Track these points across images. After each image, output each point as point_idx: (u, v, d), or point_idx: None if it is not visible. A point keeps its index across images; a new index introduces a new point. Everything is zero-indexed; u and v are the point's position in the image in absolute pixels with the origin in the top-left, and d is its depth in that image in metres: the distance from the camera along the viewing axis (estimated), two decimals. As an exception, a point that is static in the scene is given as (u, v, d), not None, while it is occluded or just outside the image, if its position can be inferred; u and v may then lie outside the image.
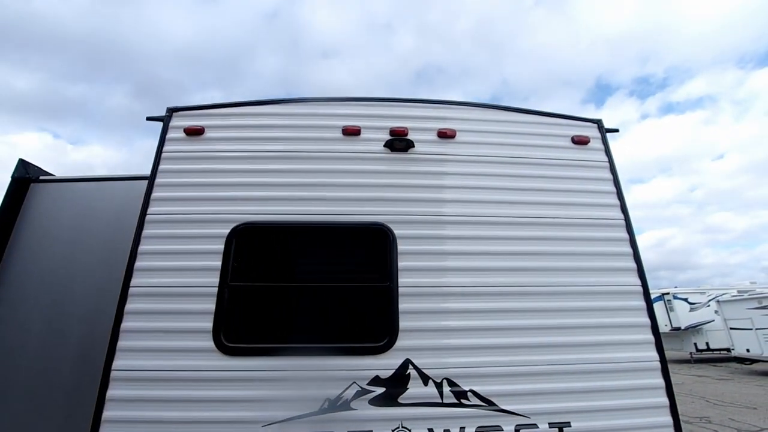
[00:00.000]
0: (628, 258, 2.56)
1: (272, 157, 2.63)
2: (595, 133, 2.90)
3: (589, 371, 2.27)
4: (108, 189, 3.18)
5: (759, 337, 12.36)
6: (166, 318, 2.24)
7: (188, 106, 2.76)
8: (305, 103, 2.80)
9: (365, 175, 2.61)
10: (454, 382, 2.18)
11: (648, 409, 2.24)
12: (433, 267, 2.41)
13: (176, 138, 2.66)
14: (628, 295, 2.48)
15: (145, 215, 2.45)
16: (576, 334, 2.34)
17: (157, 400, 2.09)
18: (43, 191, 3.16)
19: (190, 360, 2.16)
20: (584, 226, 2.61)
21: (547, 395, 2.19)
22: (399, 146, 2.68)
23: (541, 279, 2.44)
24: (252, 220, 2.46)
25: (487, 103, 2.91)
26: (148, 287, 2.29)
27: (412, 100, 2.84)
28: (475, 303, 2.35)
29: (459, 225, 2.53)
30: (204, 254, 2.37)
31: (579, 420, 2.16)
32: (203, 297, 2.27)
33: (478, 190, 2.63)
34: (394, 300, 2.30)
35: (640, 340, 2.38)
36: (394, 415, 2.10)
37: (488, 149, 2.75)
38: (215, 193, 2.53)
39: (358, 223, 2.49)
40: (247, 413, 2.07)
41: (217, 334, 2.20)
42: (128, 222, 2.60)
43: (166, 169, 2.58)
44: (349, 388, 2.13)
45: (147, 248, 2.38)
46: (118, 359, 2.15)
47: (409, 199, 2.56)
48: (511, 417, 2.14)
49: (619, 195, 2.72)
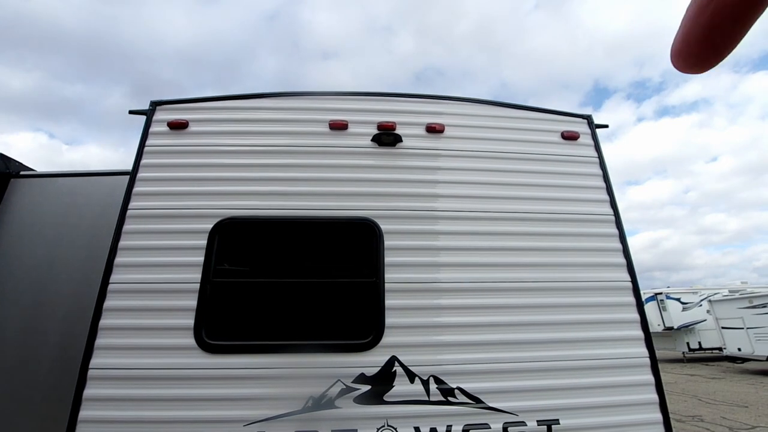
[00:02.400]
0: (618, 254, 2.54)
1: (257, 151, 2.58)
2: (584, 128, 2.88)
3: (578, 368, 2.24)
4: (91, 184, 3.11)
5: (750, 336, 12.45)
6: (146, 315, 2.18)
7: (172, 100, 2.71)
8: (291, 97, 2.75)
9: (352, 170, 2.57)
10: (441, 380, 2.14)
11: (637, 405, 2.21)
12: (420, 263, 2.37)
13: (159, 132, 2.60)
14: (618, 291, 2.45)
15: (126, 210, 2.38)
16: (565, 331, 2.31)
17: (135, 399, 2.02)
18: (24, 186, 3.09)
19: (171, 358, 2.10)
20: (573, 221, 2.59)
21: (535, 392, 2.16)
22: (387, 141, 2.64)
23: (529, 275, 2.41)
24: (236, 215, 2.41)
25: (477, 98, 2.88)
26: (128, 283, 2.23)
27: (400, 95, 2.80)
28: (462, 299, 2.31)
29: (447, 220, 2.49)
30: (186, 250, 2.32)
31: (568, 417, 2.13)
32: (185, 293, 2.21)
33: (467, 185, 2.59)
34: (380, 296, 2.26)
35: (630, 336, 2.36)
36: (379, 413, 2.06)
37: (477, 144, 2.72)
38: (198, 187, 2.47)
39: (345, 218, 2.44)
40: (228, 412, 2.02)
41: (198, 331, 2.14)
42: (111, 218, 2.54)
43: (148, 163, 2.52)
44: (334, 386, 2.09)
45: (127, 244, 2.31)
46: (96, 357, 2.08)
47: (397, 194, 2.53)
48: (499, 415, 2.10)
49: (609, 190, 2.70)
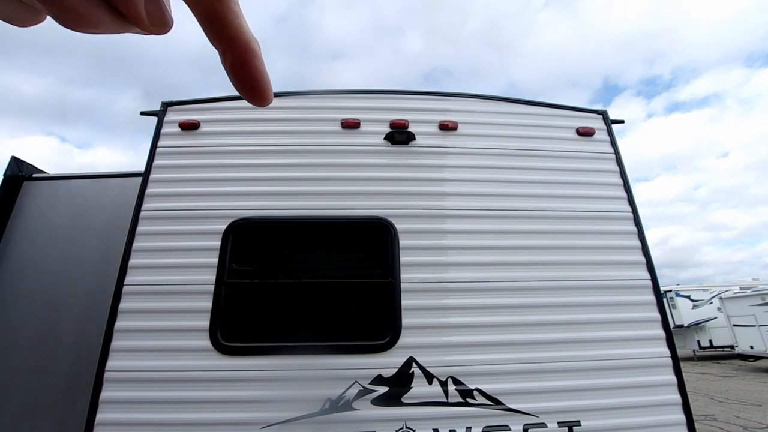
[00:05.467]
0: (637, 251, 2.49)
1: (269, 151, 2.56)
2: (600, 124, 2.83)
3: (599, 368, 2.20)
4: (103, 186, 3.11)
5: (762, 333, 12.28)
6: (161, 317, 2.17)
7: (183, 100, 2.70)
8: (303, 96, 2.73)
9: (365, 169, 2.54)
10: (459, 381, 2.11)
11: (660, 406, 2.17)
12: (436, 262, 2.34)
13: (171, 133, 2.59)
14: (637, 289, 2.40)
15: (139, 212, 2.38)
16: (584, 330, 2.27)
17: (151, 402, 2.02)
18: (37, 189, 3.10)
19: (186, 360, 2.09)
20: (590, 219, 2.54)
21: (556, 393, 2.12)
22: (399, 139, 2.61)
23: (547, 273, 2.37)
24: (249, 216, 2.39)
25: (489, 95, 2.84)
26: (143, 285, 2.22)
27: (412, 92, 2.77)
28: (479, 299, 2.28)
29: (462, 219, 2.46)
30: (200, 251, 2.30)
31: (589, 418, 2.09)
32: (199, 295, 2.20)
33: (482, 183, 2.55)
34: (396, 296, 2.23)
35: (651, 335, 2.31)
36: (397, 415, 2.03)
37: (491, 141, 2.68)
38: (211, 188, 2.46)
39: (359, 217, 2.42)
40: (245, 414, 2.00)
41: (213, 333, 2.13)
42: (123, 219, 2.54)
43: (160, 164, 2.51)
44: (351, 388, 2.06)
45: (141, 245, 2.31)
46: (112, 360, 2.08)
47: (411, 193, 2.49)
48: (519, 416, 2.07)
49: (626, 187, 2.65)
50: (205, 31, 0.27)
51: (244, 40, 0.27)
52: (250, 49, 0.28)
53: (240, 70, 0.28)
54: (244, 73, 0.28)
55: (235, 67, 0.28)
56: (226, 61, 0.28)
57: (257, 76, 0.28)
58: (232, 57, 0.27)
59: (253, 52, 0.28)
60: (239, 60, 0.28)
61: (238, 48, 0.27)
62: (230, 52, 0.27)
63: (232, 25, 0.26)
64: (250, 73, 0.28)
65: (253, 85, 0.29)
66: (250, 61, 0.28)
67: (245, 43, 0.27)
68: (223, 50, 0.27)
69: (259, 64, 0.28)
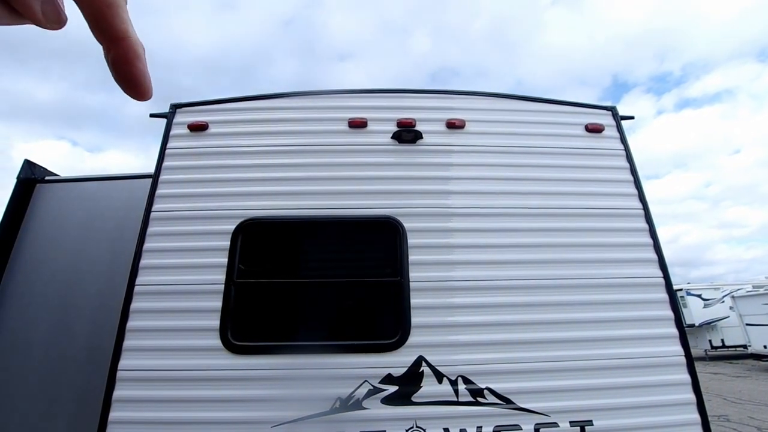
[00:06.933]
0: (649, 249, 2.46)
1: (277, 151, 2.57)
2: (609, 120, 2.80)
3: (611, 367, 2.17)
4: (114, 188, 3.15)
5: (776, 333, 12.06)
6: (172, 316, 2.19)
7: (192, 102, 2.72)
8: (310, 96, 2.74)
9: (373, 168, 2.54)
10: (469, 380, 2.10)
11: (674, 406, 2.14)
12: (445, 260, 2.33)
13: (180, 134, 2.62)
14: (650, 287, 2.37)
15: (149, 213, 2.40)
16: (596, 329, 2.24)
17: (163, 401, 2.03)
18: (49, 191, 3.14)
19: (197, 359, 2.11)
20: (601, 216, 2.51)
21: (568, 392, 2.10)
22: (407, 138, 2.60)
23: (558, 272, 2.35)
24: (258, 216, 2.40)
25: (497, 92, 2.83)
26: (154, 285, 2.24)
27: (419, 91, 2.76)
28: (489, 297, 2.27)
29: (470, 217, 2.45)
30: (210, 251, 2.32)
31: (601, 418, 2.06)
32: (209, 294, 2.22)
33: (490, 181, 2.54)
34: (405, 295, 2.23)
35: (664, 334, 2.27)
36: (407, 414, 2.03)
37: (499, 139, 2.66)
38: (220, 188, 2.48)
39: (367, 216, 2.42)
40: (255, 413, 2.01)
41: (224, 332, 2.14)
42: (134, 220, 2.56)
43: (170, 165, 2.53)
44: (361, 387, 2.06)
45: (152, 246, 2.33)
46: (125, 359, 2.10)
47: (419, 192, 2.49)
48: (530, 415, 2.05)
49: (637, 184, 2.62)
50: (92, 29, 0.30)
51: (128, 42, 0.31)
52: (133, 50, 0.32)
53: (120, 67, 0.32)
54: (123, 69, 0.32)
55: (116, 63, 0.32)
56: (109, 56, 0.32)
57: (137, 74, 0.32)
58: (114, 54, 0.31)
59: (135, 54, 0.32)
60: (121, 58, 0.31)
61: (121, 48, 0.31)
62: (113, 51, 0.31)
63: (118, 29, 0.31)
64: (130, 70, 0.32)
65: (132, 80, 0.32)
66: (132, 60, 0.32)
67: (129, 45, 0.31)
68: (107, 47, 0.31)
69: (140, 64, 0.32)
